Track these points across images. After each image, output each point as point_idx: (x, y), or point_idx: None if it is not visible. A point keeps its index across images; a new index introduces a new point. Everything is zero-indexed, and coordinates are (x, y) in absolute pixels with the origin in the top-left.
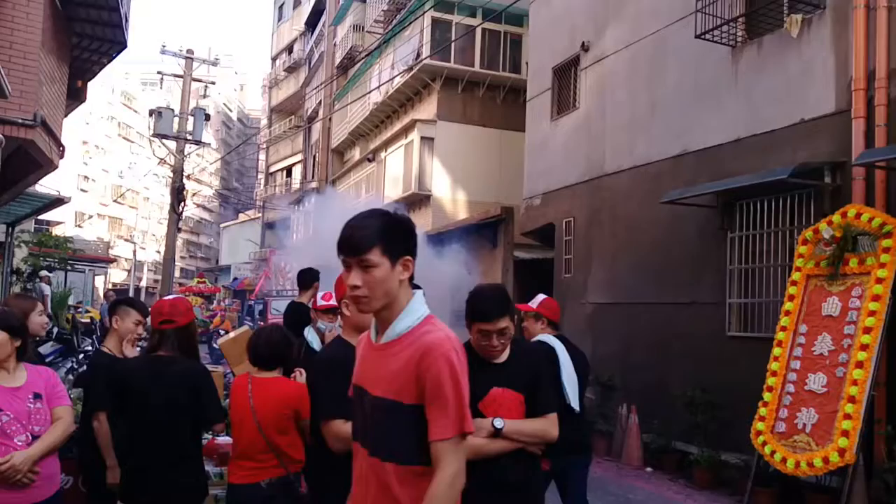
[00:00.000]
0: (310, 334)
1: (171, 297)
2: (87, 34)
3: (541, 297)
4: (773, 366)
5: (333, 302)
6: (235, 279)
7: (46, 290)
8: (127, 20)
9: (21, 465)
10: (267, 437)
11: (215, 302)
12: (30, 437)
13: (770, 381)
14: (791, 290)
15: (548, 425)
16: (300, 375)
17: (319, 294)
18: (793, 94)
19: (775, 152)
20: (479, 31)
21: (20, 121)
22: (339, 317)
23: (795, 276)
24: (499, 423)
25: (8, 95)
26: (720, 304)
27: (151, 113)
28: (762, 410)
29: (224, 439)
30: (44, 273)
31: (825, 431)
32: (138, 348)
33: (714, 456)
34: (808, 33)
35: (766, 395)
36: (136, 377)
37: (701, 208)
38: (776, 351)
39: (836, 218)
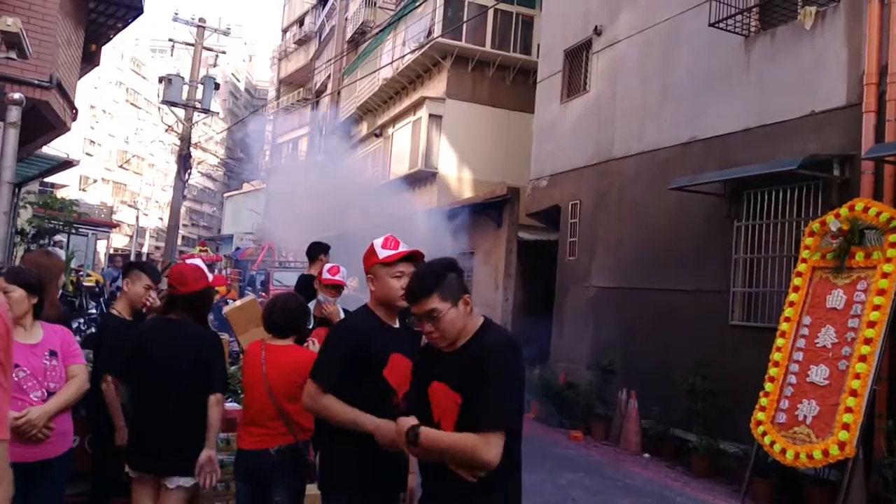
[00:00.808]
0: (314, 308)
1: (187, 262)
2: None
3: None
4: (776, 356)
5: (339, 278)
6: (238, 248)
7: (61, 254)
8: None
9: (37, 421)
10: (277, 404)
11: (216, 271)
12: (45, 394)
13: (772, 371)
14: (796, 281)
15: (479, 443)
16: (313, 344)
17: (326, 267)
18: (804, 86)
19: (785, 143)
20: (491, 12)
21: (36, 82)
22: (339, 292)
23: (801, 267)
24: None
25: (29, 56)
26: (724, 292)
27: (161, 80)
28: (763, 400)
29: (231, 406)
30: (58, 237)
31: (826, 424)
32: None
33: (713, 444)
34: (821, 25)
35: (768, 386)
36: (146, 339)
37: (708, 196)
38: (779, 341)
39: (843, 211)
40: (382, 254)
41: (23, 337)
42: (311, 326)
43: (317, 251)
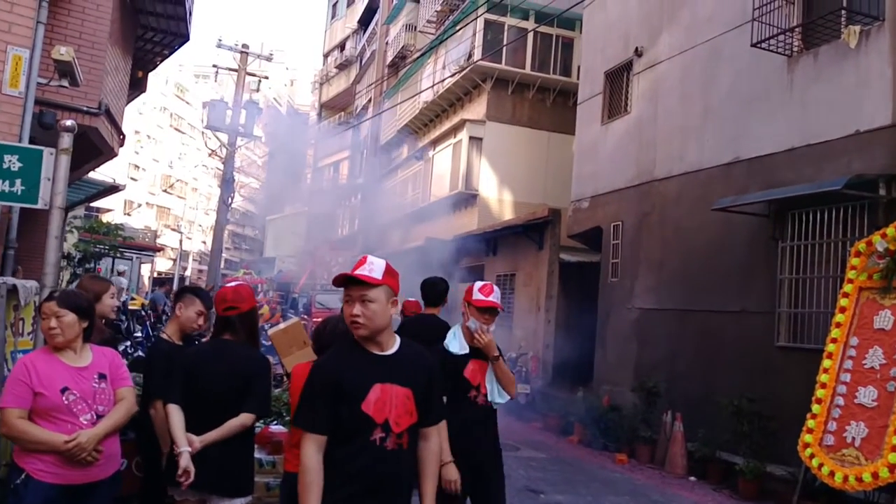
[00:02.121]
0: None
1: (233, 283)
2: (152, 27)
3: None
4: (823, 378)
5: (493, 299)
6: (280, 271)
7: (123, 283)
8: (191, 14)
9: (87, 444)
10: None
11: (261, 294)
12: (94, 417)
13: (819, 392)
14: (843, 301)
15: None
16: None
17: (477, 286)
18: (848, 105)
19: (829, 163)
20: (531, 34)
21: (85, 108)
22: (494, 317)
23: (847, 287)
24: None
25: (80, 84)
26: (769, 313)
27: (205, 105)
28: (810, 422)
29: (278, 428)
30: (122, 268)
31: (874, 446)
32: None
33: (759, 467)
34: (865, 45)
35: (815, 408)
36: (198, 363)
37: (752, 217)
38: (826, 363)
39: (890, 231)
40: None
41: (73, 360)
42: (463, 353)
43: (438, 292)
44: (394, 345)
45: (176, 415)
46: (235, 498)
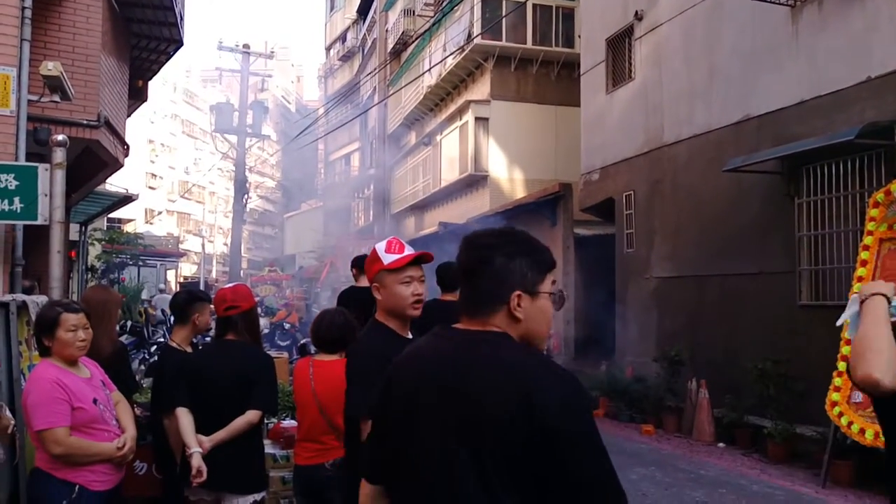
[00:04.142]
0: None
1: (230, 284)
2: (145, 34)
3: None
4: (847, 334)
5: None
6: (301, 268)
7: (166, 299)
8: (182, 18)
9: (133, 447)
10: (328, 419)
11: (288, 290)
12: (115, 422)
13: (844, 349)
14: (863, 254)
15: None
16: None
17: None
18: (858, 52)
19: (842, 113)
20: (529, 7)
21: (85, 122)
22: None
23: (867, 240)
24: None
25: (71, 97)
26: (790, 272)
27: (212, 109)
28: (837, 380)
29: (290, 423)
30: (162, 286)
31: None
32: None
33: (788, 429)
34: None
35: (841, 365)
36: (206, 365)
37: (766, 175)
38: None
39: None
40: (387, 259)
41: (81, 372)
42: None
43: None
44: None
45: (185, 417)
46: (248, 495)
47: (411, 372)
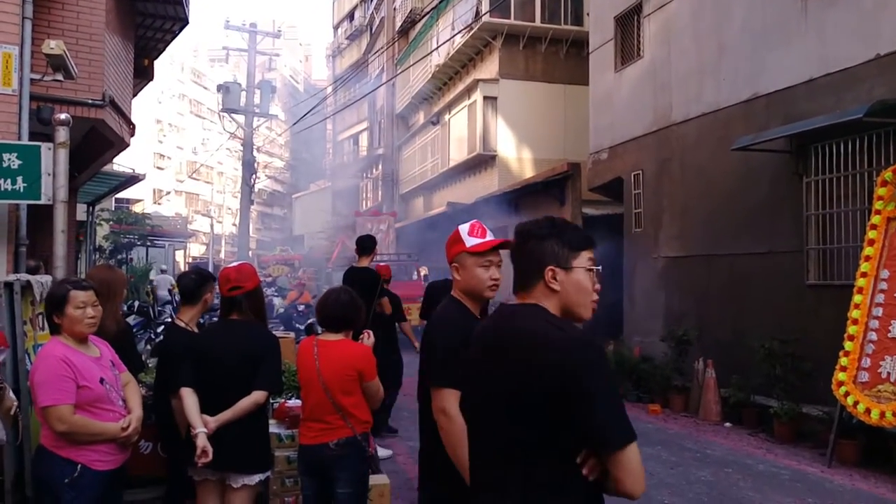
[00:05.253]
0: None
1: (234, 263)
2: (150, 12)
3: None
4: (854, 313)
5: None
6: (310, 248)
7: (169, 280)
8: None
9: (138, 427)
10: (333, 398)
11: (301, 271)
12: (122, 403)
13: (851, 329)
14: (871, 234)
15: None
16: (367, 338)
17: None
18: (867, 29)
19: (850, 91)
20: None
21: (90, 101)
22: None
23: (875, 219)
24: None
25: (75, 77)
26: (798, 251)
27: (219, 88)
28: (843, 360)
29: (295, 402)
30: (164, 266)
31: None
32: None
33: (795, 408)
34: None
35: (848, 345)
36: (212, 344)
37: (774, 153)
38: (857, 298)
39: None
40: (470, 242)
41: (90, 351)
42: None
43: (370, 244)
44: None
45: (190, 397)
46: (253, 474)
47: (475, 337)
